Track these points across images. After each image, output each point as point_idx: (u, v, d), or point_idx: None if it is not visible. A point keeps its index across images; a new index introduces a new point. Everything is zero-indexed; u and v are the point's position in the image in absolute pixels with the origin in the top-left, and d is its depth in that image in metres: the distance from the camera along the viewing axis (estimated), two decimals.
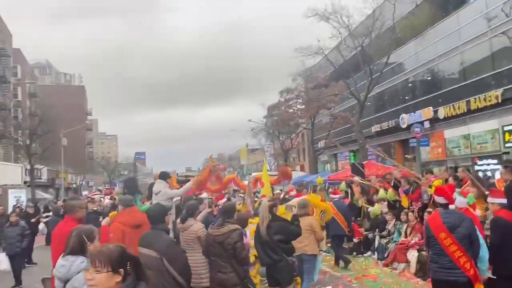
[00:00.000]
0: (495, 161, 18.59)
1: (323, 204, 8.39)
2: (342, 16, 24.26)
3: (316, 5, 48.43)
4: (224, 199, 11.25)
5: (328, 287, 8.17)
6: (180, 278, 4.20)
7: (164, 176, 7.97)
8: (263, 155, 50.78)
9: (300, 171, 35.92)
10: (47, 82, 76.72)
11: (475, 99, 19.67)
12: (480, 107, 19.46)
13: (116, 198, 11.00)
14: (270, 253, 5.29)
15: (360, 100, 24.81)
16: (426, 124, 22.75)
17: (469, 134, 20.82)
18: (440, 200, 4.94)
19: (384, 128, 28.39)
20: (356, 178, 13.08)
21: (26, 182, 32.48)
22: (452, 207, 5.01)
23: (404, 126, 25.07)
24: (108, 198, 15.94)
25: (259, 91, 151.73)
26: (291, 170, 13.96)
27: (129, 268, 2.41)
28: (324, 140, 34.64)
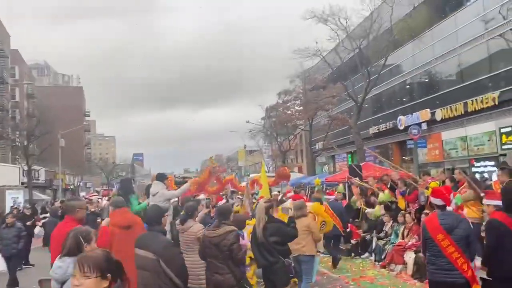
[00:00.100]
0: (492, 163, 18.64)
1: (326, 215, 8.41)
2: (340, 18, 24.31)
3: (314, 6, 48.61)
4: (223, 201, 11.26)
5: None
6: (177, 279, 4.21)
7: (161, 177, 7.99)
8: (261, 156, 50.77)
9: (298, 172, 35.92)
10: (45, 83, 76.66)
11: (472, 101, 19.74)
12: (477, 109, 19.54)
13: None
14: (266, 254, 5.28)
15: (357, 102, 24.85)
16: (424, 126, 22.83)
17: (466, 136, 20.88)
18: (437, 201, 4.95)
19: (382, 129, 28.47)
20: (356, 179, 13.13)
21: (23, 183, 32.37)
22: (449, 208, 5.03)
23: (401, 128, 25.14)
24: (106, 199, 15.96)
25: (258, 91, 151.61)
26: (289, 172, 13.97)
27: (115, 272, 2.40)
28: (322, 142, 34.69)
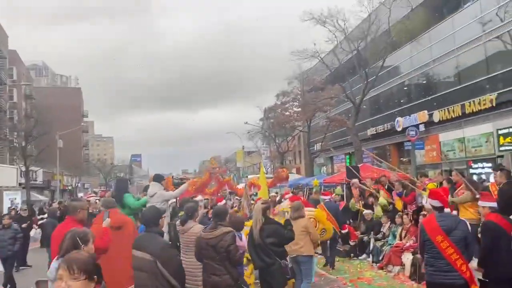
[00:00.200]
0: (490, 164, 18.67)
1: (328, 222, 8.43)
2: (338, 20, 24.31)
3: (313, 8, 48.67)
4: (223, 202, 11.23)
5: None
6: (174, 281, 4.21)
7: (158, 178, 7.99)
8: (259, 157, 50.78)
9: (296, 173, 35.93)
10: (43, 84, 76.54)
11: (470, 102, 19.79)
12: (474, 110, 19.58)
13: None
14: (263, 256, 5.28)
15: (355, 103, 24.88)
16: (421, 128, 22.86)
17: (463, 138, 20.93)
18: (435, 203, 4.95)
19: (380, 131, 28.52)
20: (356, 181, 13.13)
21: (21, 184, 32.30)
22: (447, 210, 5.04)
23: (399, 129, 25.19)
24: None
25: (258, 92, 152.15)
26: (288, 173, 13.98)
27: (100, 274, 2.41)
28: (320, 143, 34.72)
